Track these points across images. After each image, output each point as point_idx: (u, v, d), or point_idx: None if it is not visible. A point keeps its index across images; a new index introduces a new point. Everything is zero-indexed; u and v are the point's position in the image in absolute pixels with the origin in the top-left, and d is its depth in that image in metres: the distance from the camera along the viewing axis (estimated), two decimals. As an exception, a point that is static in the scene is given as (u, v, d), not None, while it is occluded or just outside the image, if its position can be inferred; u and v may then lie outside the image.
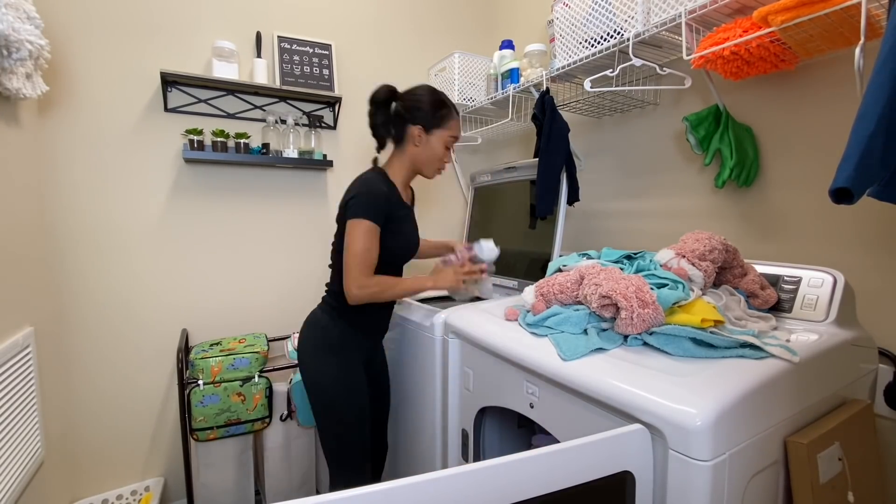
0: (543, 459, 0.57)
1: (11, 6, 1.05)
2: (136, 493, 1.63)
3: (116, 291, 1.60)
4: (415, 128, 1.23)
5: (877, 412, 0.96)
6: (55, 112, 1.48)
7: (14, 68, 1.11)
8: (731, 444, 0.62)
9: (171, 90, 1.64)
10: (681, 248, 0.95)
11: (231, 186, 1.78)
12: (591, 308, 0.89)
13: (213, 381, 1.48)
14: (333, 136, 1.97)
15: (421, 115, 1.23)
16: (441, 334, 1.23)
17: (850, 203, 0.69)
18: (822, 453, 0.72)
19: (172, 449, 1.71)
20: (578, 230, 1.80)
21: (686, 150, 1.40)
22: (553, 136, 1.41)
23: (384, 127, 1.27)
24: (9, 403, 1.11)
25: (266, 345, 1.65)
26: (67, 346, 1.53)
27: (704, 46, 1.04)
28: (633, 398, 0.67)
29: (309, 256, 1.94)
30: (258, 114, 1.80)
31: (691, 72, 1.23)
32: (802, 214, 1.14)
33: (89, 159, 1.54)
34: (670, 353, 0.77)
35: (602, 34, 1.28)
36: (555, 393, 0.83)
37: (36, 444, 1.25)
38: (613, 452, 0.61)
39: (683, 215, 1.43)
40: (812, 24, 0.88)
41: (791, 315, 0.95)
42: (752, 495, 0.67)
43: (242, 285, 1.82)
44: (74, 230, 1.53)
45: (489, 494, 0.54)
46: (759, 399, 0.67)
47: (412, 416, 1.41)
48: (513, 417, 1.19)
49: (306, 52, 1.84)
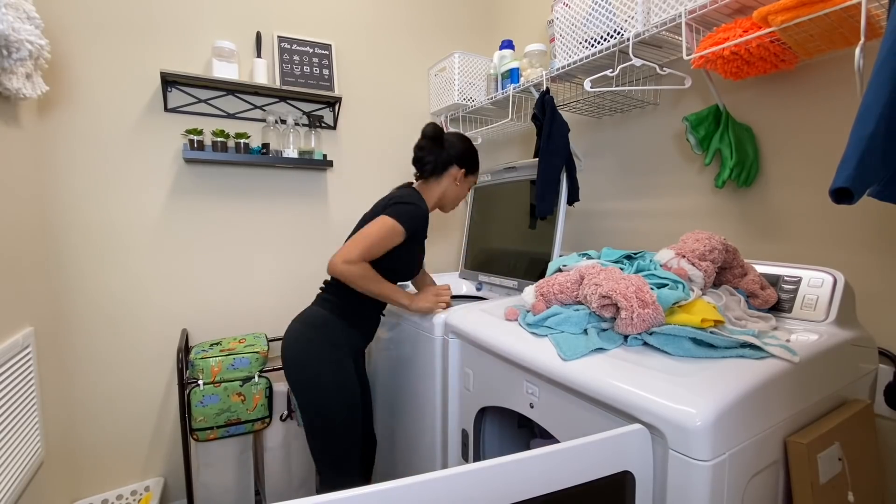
0: (543, 459, 0.57)
1: (11, 6, 1.05)
2: (136, 493, 1.64)
3: (116, 291, 1.60)
4: (459, 170, 1.37)
5: (877, 412, 0.96)
6: (55, 112, 1.48)
7: (14, 68, 1.11)
8: (731, 444, 0.62)
9: (171, 90, 1.64)
10: (681, 248, 0.95)
11: (231, 186, 1.78)
12: (591, 308, 0.89)
13: (213, 381, 1.48)
14: (333, 136, 1.97)
15: (464, 160, 1.38)
16: (441, 334, 1.23)
17: (851, 203, 0.69)
18: (822, 453, 0.72)
19: (172, 449, 1.71)
20: (578, 230, 1.80)
21: (686, 150, 1.40)
22: (553, 136, 1.41)
23: (432, 160, 1.36)
24: (9, 403, 1.11)
25: (266, 345, 1.65)
26: (67, 346, 1.53)
27: (704, 46, 1.04)
28: (633, 398, 0.67)
29: (309, 256, 1.94)
30: (258, 114, 1.80)
31: (691, 72, 1.23)
32: (802, 214, 1.14)
33: (89, 159, 1.54)
34: (670, 353, 0.77)
35: (602, 34, 1.28)
36: (555, 393, 0.83)
37: (36, 445, 1.25)
38: (613, 452, 0.61)
39: (683, 215, 1.43)
40: (812, 24, 0.88)
41: (791, 315, 0.95)
42: (752, 495, 0.67)
43: (242, 285, 1.82)
44: (74, 230, 1.53)
45: (489, 494, 0.54)
46: (759, 399, 0.66)
47: (412, 416, 1.41)
48: (513, 417, 1.19)
49: (306, 52, 1.84)
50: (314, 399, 1.23)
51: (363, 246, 1.20)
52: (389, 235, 1.22)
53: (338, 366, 1.24)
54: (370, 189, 2.07)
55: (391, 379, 1.56)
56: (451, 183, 1.38)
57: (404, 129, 2.14)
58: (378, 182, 2.08)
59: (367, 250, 1.21)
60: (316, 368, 1.23)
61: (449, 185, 1.38)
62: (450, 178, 1.38)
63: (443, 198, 1.40)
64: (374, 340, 1.67)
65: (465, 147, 1.40)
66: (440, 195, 1.39)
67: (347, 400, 1.24)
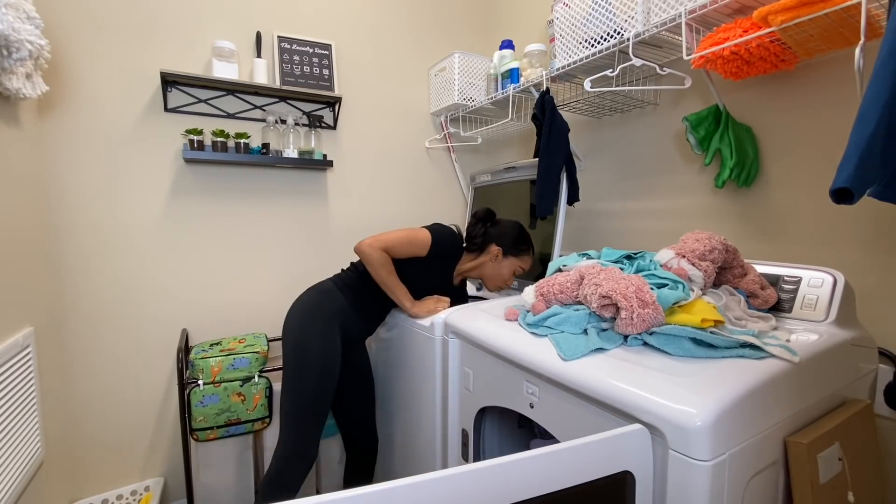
0: (543, 459, 0.57)
1: (11, 6, 1.05)
2: (136, 493, 1.63)
3: (116, 291, 1.60)
4: (497, 248, 1.43)
5: (877, 412, 0.96)
6: (55, 112, 1.48)
7: (14, 68, 1.11)
8: (730, 444, 0.62)
9: (171, 90, 1.64)
10: (681, 248, 0.95)
11: (231, 186, 1.78)
12: (591, 308, 0.89)
13: (213, 381, 1.48)
14: (333, 135, 1.97)
15: (504, 241, 1.44)
16: (441, 334, 1.23)
17: (851, 203, 0.69)
18: (822, 453, 0.72)
19: (172, 449, 1.71)
20: (578, 230, 1.80)
21: (686, 150, 1.40)
22: (553, 136, 1.41)
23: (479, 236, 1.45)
24: (9, 403, 1.11)
25: (266, 345, 1.65)
26: (67, 346, 1.53)
27: (704, 46, 1.04)
28: (633, 398, 0.67)
29: (309, 255, 1.94)
30: (258, 114, 1.80)
31: (691, 72, 1.23)
32: (802, 214, 1.14)
33: (89, 159, 1.54)
34: (670, 353, 0.77)
35: (602, 34, 1.28)
36: (555, 393, 0.83)
37: (36, 444, 1.25)
38: (613, 452, 0.61)
39: (683, 215, 1.43)
40: (812, 24, 0.88)
41: (791, 315, 0.95)
42: (752, 495, 0.67)
43: (242, 285, 1.82)
44: (74, 230, 1.53)
45: (489, 494, 0.54)
46: (758, 399, 0.66)
47: (412, 416, 1.41)
48: (513, 417, 1.19)
49: (306, 52, 1.84)
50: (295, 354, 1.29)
51: (390, 239, 1.31)
52: (416, 241, 1.33)
53: (327, 331, 1.31)
54: (370, 189, 2.07)
55: (391, 379, 1.56)
56: (487, 259, 1.45)
57: (404, 129, 2.14)
58: (378, 182, 2.08)
59: (391, 244, 1.31)
60: (306, 326, 1.31)
61: (485, 261, 1.45)
62: (488, 255, 1.44)
63: (481, 272, 1.47)
64: (374, 340, 1.67)
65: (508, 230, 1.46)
66: (477, 267, 1.46)
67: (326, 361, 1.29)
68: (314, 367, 1.28)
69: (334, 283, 1.41)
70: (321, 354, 1.29)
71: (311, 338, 1.30)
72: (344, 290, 1.40)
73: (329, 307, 1.35)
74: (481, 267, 1.46)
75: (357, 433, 1.53)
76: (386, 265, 1.32)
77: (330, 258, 1.96)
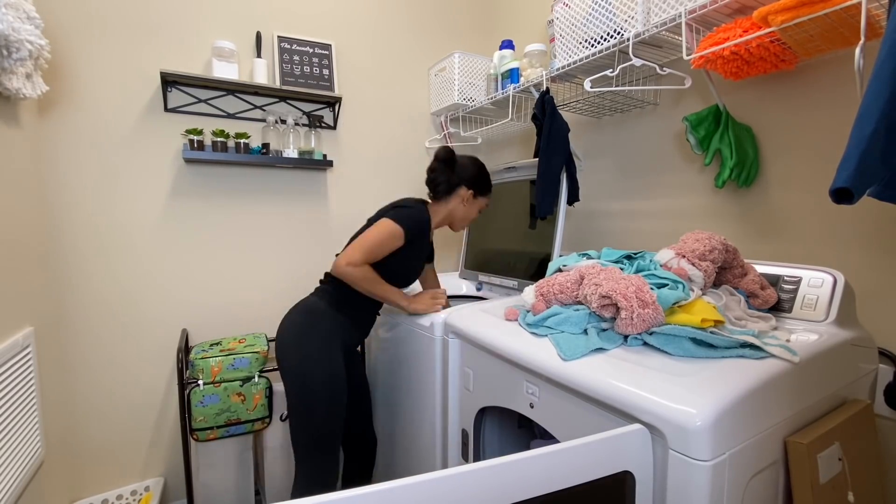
0: (543, 459, 0.57)
1: (11, 6, 1.05)
2: (136, 493, 1.64)
3: (116, 291, 1.60)
4: (467, 191, 1.42)
5: (877, 412, 0.96)
6: (55, 112, 1.48)
7: (14, 68, 1.11)
8: (730, 444, 0.62)
9: (171, 90, 1.64)
10: (681, 248, 0.95)
11: (231, 186, 1.78)
12: (591, 308, 0.89)
13: (213, 381, 1.48)
14: (333, 136, 1.97)
15: (473, 182, 1.43)
16: (441, 334, 1.23)
17: (851, 203, 0.69)
18: (822, 453, 0.72)
19: (172, 449, 1.71)
20: (578, 230, 1.80)
21: (686, 150, 1.40)
22: (553, 136, 1.41)
23: (444, 181, 1.42)
24: (9, 403, 1.11)
25: (266, 345, 1.65)
26: (67, 346, 1.53)
27: (704, 46, 1.04)
28: (633, 398, 0.67)
29: (309, 256, 1.94)
30: (258, 114, 1.80)
31: (691, 72, 1.23)
32: (802, 214, 1.14)
33: (89, 159, 1.54)
34: (670, 353, 0.77)
35: (602, 34, 1.28)
36: (555, 393, 0.83)
37: (36, 444, 1.25)
38: (613, 452, 0.61)
39: (683, 215, 1.43)
40: (812, 24, 0.88)
41: (791, 315, 0.95)
42: (752, 495, 0.67)
43: (242, 285, 1.82)
44: (74, 230, 1.53)
45: (489, 494, 0.54)
46: (759, 399, 0.66)
47: (412, 416, 1.41)
48: (513, 417, 1.19)
49: (306, 52, 1.84)
50: (300, 384, 1.23)
51: (365, 248, 1.26)
52: (389, 238, 1.28)
53: (327, 354, 1.25)
54: (370, 189, 2.07)
55: (391, 379, 1.56)
56: (458, 203, 1.43)
57: (404, 129, 2.14)
58: (378, 182, 2.08)
59: (369, 252, 1.26)
60: (305, 353, 1.24)
61: (457, 205, 1.43)
62: (458, 198, 1.42)
63: (450, 216, 1.45)
64: (374, 340, 1.67)
65: (475, 170, 1.44)
66: (448, 215, 1.45)
67: (333, 386, 1.23)
68: (321, 396, 1.22)
69: (322, 300, 1.34)
70: (327, 380, 1.23)
71: (311, 364, 1.23)
72: (336, 305, 1.32)
73: (324, 328, 1.28)
74: (452, 212, 1.44)
75: (355, 433, 1.53)
76: (369, 278, 1.27)
77: (330, 258, 1.96)
